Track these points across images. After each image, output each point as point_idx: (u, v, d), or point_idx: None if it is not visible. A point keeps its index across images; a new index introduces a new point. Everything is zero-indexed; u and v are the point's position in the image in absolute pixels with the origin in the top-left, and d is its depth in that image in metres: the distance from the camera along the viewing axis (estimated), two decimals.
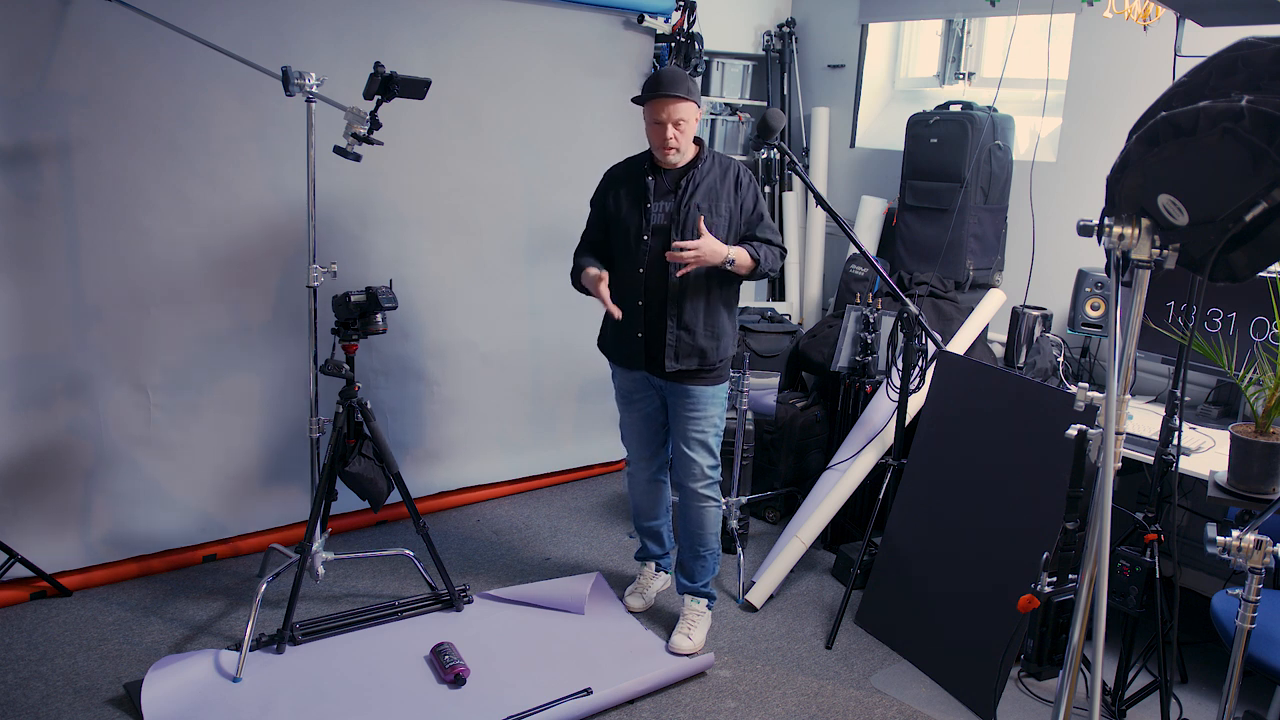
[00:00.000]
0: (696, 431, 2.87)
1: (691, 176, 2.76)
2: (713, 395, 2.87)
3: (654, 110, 2.69)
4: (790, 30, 4.75)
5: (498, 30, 3.63)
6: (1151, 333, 3.13)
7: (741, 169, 2.82)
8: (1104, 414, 1.52)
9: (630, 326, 2.83)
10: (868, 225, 4.36)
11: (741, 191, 2.79)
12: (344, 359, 2.84)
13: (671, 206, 2.75)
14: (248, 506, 3.43)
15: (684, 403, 2.86)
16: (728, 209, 2.76)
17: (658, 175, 2.80)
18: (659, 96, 2.67)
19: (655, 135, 2.73)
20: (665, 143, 2.70)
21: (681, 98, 2.66)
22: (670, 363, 2.79)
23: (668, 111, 2.67)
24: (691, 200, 2.74)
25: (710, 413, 2.88)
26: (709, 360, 2.82)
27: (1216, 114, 1.33)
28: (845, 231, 3.17)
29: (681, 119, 2.68)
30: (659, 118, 2.68)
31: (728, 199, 2.77)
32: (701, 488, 2.92)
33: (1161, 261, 1.47)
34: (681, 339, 2.79)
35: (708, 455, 2.91)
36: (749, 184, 2.81)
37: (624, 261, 2.83)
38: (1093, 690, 2.08)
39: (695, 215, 2.71)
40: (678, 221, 2.74)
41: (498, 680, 2.72)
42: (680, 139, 2.71)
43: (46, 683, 2.63)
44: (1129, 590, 2.48)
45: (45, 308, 2.97)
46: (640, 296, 2.80)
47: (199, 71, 3.03)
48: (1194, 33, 3.07)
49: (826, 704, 2.73)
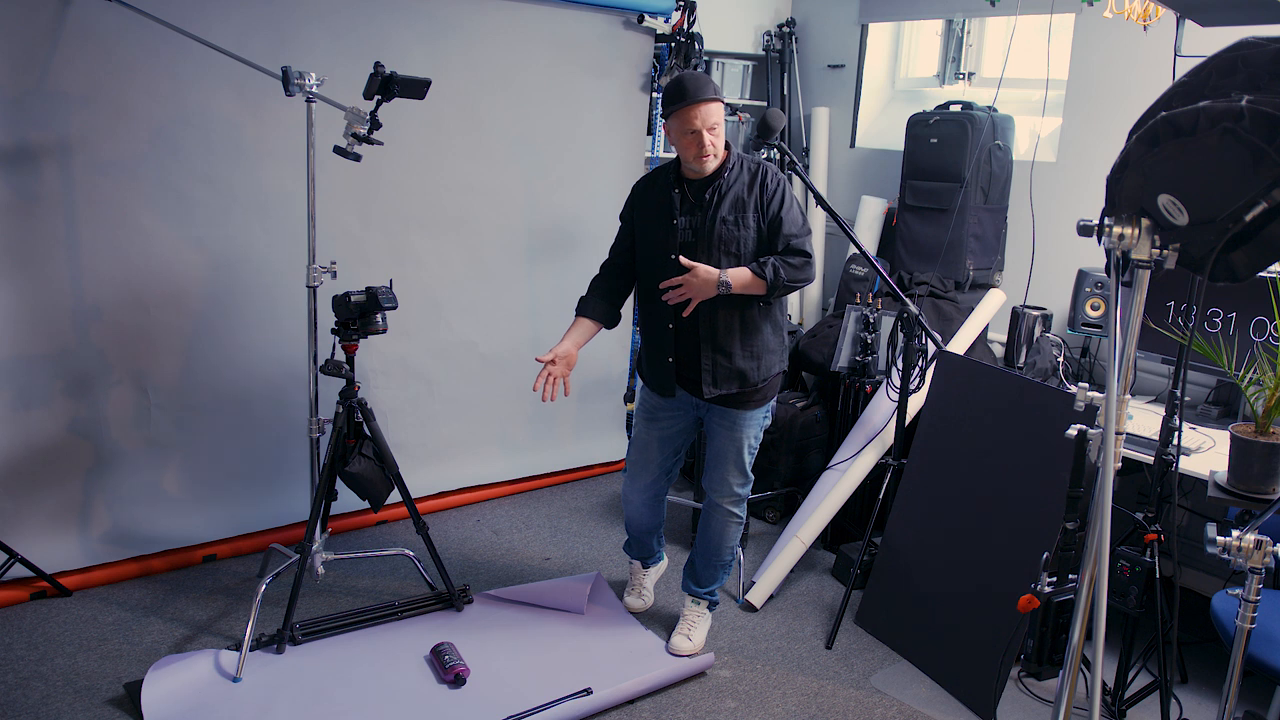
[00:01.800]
0: (734, 451, 2.80)
1: (717, 187, 2.62)
2: (753, 418, 2.78)
3: (686, 119, 2.53)
4: (790, 30, 4.75)
5: (497, 30, 3.63)
6: (1151, 333, 3.13)
7: (769, 171, 2.66)
8: (1104, 414, 1.52)
9: (661, 350, 2.74)
10: (868, 225, 4.36)
11: (767, 195, 2.62)
12: (344, 359, 2.84)
13: (698, 221, 2.63)
14: (248, 506, 3.43)
15: (724, 423, 2.78)
16: (755, 219, 2.62)
17: (684, 187, 2.66)
18: (690, 104, 2.52)
19: (690, 145, 2.57)
20: (703, 151, 2.56)
21: (711, 99, 2.53)
22: (709, 389, 2.69)
23: (701, 117, 2.52)
24: (718, 214, 2.61)
25: (750, 434, 2.80)
26: (750, 381, 2.71)
27: (1216, 114, 1.33)
28: (845, 231, 3.17)
29: (715, 123, 2.55)
30: (692, 126, 2.53)
31: (755, 208, 2.62)
32: (729, 504, 2.88)
33: (1161, 261, 1.47)
34: (719, 363, 2.68)
35: (741, 474, 2.85)
36: (775, 185, 2.64)
37: (653, 281, 2.68)
38: (1093, 690, 2.08)
39: (722, 230, 2.60)
40: (704, 237, 2.62)
41: (498, 680, 2.72)
42: (716, 144, 2.57)
43: (46, 683, 2.63)
44: (1129, 590, 2.48)
45: (45, 308, 2.97)
46: (670, 319, 2.68)
47: (199, 71, 3.03)
48: (1194, 33, 3.07)
49: (826, 704, 2.73)
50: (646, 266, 2.75)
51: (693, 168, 2.63)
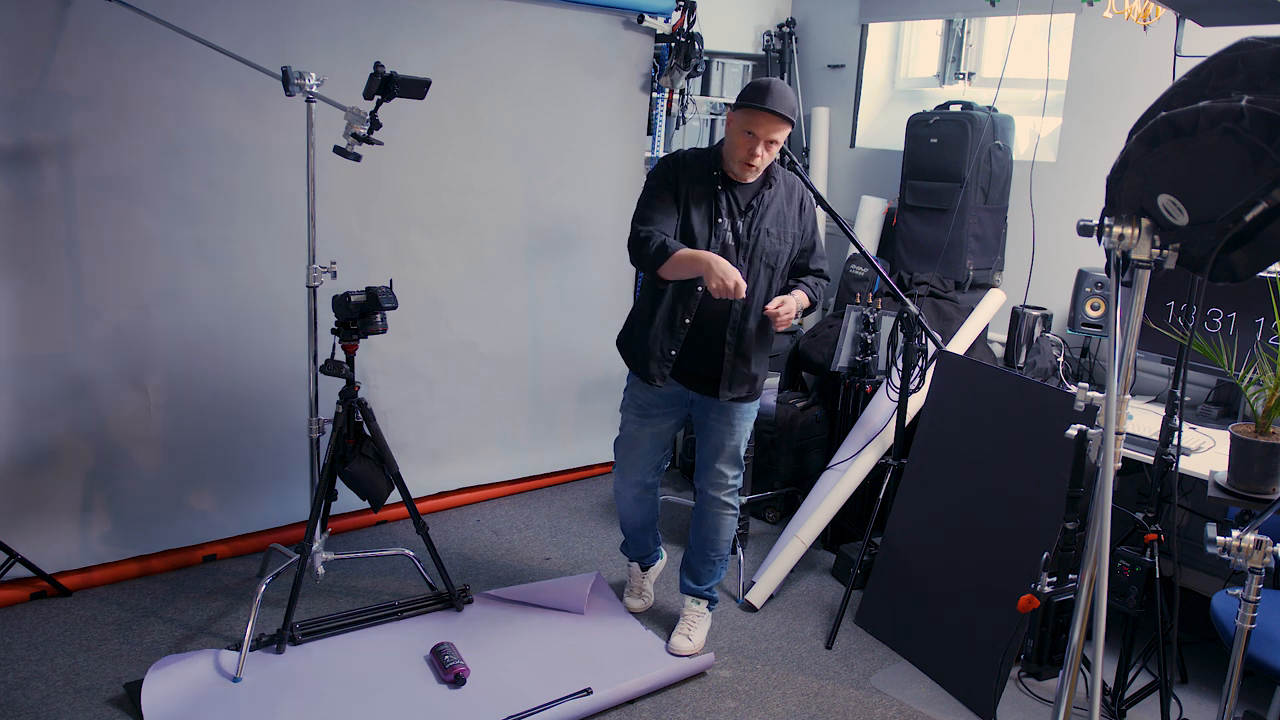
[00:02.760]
0: (730, 444, 2.84)
1: (762, 197, 2.64)
2: (748, 411, 2.85)
3: (752, 121, 2.50)
4: (790, 30, 4.75)
5: (497, 30, 3.63)
6: (1151, 333, 3.13)
7: (805, 192, 2.73)
8: (1104, 414, 1.52)
9: (668, 344, 2.71)
10: (868, 225, 4.36)
11: (804, 216, 2.70)
12: (344, 359, 2.84)
13: (741, 228, 2.63)
14: (248, 506, 3.43)
15: (723, 418, 2.81)
16: (792, 234, 2.68)
17: (729, 189, 2.64)
18: (763, 110, 2.48)
19: (742, 146, 2.54)
20: (751, 158, 2.53)
21: (786, 119, 2.50)
22: (725, 392, 2.73)
23: (766, 127, 2.49)
24: (761, 224, 2.63)
25: (745, 427, 2.86)
26: (758, 386, 2.82)
27: (1216, 114, 1.33)
28: (845, 231, 3.17)
29: (775, 139, 2.53)
30: (755, 129, 2.50)
31: (792, 224, 2.68)
32: (724, 496, 2.89)
33: (1161, 261, 1.47)
34: (738, 369, 2.72)
35: (735, 466, 2.88)
36: (810, 208, 2.72)
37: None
38: (1093, 690, 2.08)
39: (766, 242, 2.63)
40: (745, 245, 2.62)
41: (498, 680, 2.72)
42: (765, 159, 2.56)
43: (46, 683, 2.63)
44: (1129, 590, 2.48)
45: (45, 308, 2.97)
46: (689, 314, 2.66)
47: (199, 72, 3.03)
48: (1194, 33, 3.07)
49: (826, 704, 2.73)
50: None
51: (734, 169, 2.61)
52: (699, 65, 4.07)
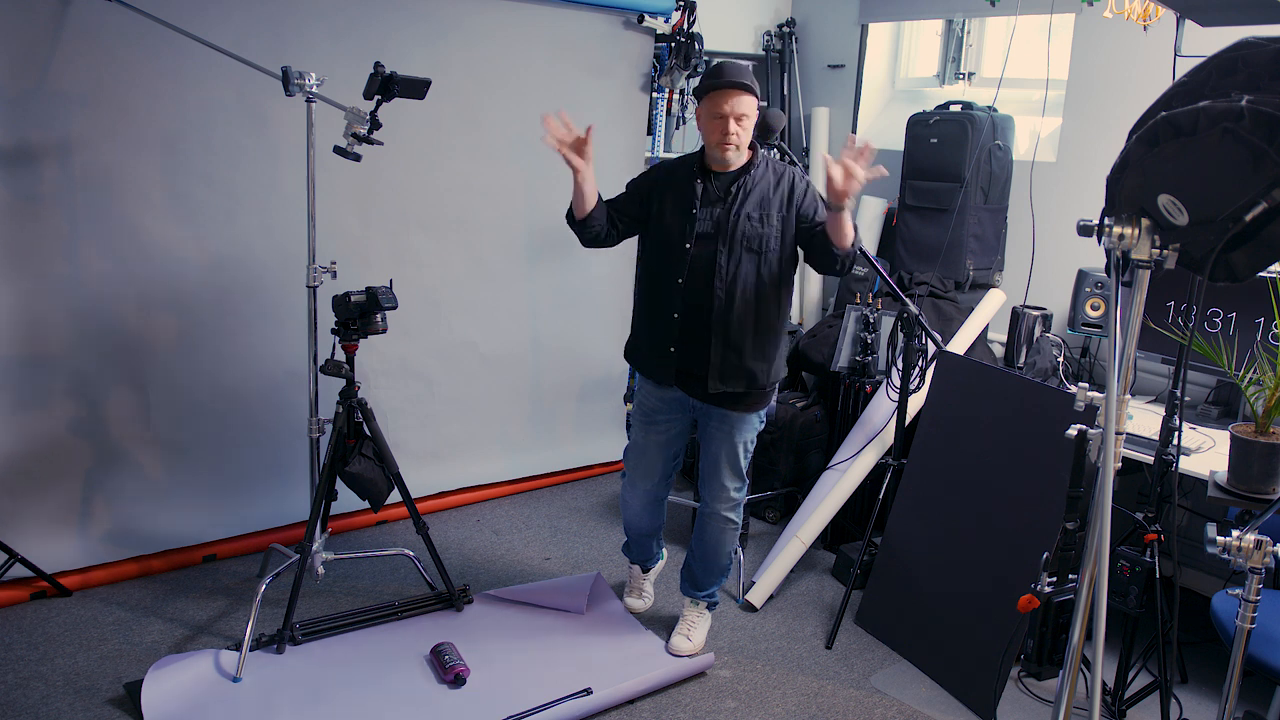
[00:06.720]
0: (729, 455, 2.78)
1: (743, 183, 2.60)
2: (751, 421, 2.76)
3: (715, 103, 2.53)
4: (790, 30, 4.75)
5: (497, 30, 3.63)
6: (1151, 333, 3.13)
7: (796, 175, 2.65)
8: (1104, 414, 1.52)
9: (663, 341, 2.69)
10: (868, 225, 4.36)
11: (796, 198, 2.62)
12: (344, 359, 2.84)
13: (720, 214, 2.60)
14: (248, 506, 3.43)
15: (721, 426, 2.75)
16: (779, 218, 2.61)
17: (708, 180, 2.64)
18: (722, 86, 2.51)
19: (714, 130, 2.55)
20: (725, 138, 2.54)
21: (746, 89, 2.51)
22: (714, 383, 2.63)
23: (730, 104, 2.51)
24: (742, 209, 2.59)
25: (748, 438, 2.78)
26: (758, 383, 2.67)
27: (1216, 114, 1.33)
28: None
29: (744, 114, 2.53)
30: (720, 110, 2.52)
31: (779, 208, 2.61)
32: (725, 509, 2.85)
33: (1161, 261, 1.47)
34: (728, 359, 2.63)
35: (737, 478, 2.83)
36: (805, 188, 2.64)
37: (662, 269, 2.67)
38: (1093, 690, 2.08)
39: (746, 226, 2.58)
40: (725, 231, 2.59)
41: (498, 680, 2.72)
42: (741, 135, 2.55)
43: (46, 683, 2.63)
44: (1129, 590, 2.48)
45: (45, 308, 2.97)
46: (677, 309, 2.64)
47: (199, 71, 3.03)
48: (1194, 33, 3.07)
49: (826, 704, 2.73)
50: (656, 253, 2.72)
51: (716, 157, 2.61)
52: (699, 65, 4.07)
